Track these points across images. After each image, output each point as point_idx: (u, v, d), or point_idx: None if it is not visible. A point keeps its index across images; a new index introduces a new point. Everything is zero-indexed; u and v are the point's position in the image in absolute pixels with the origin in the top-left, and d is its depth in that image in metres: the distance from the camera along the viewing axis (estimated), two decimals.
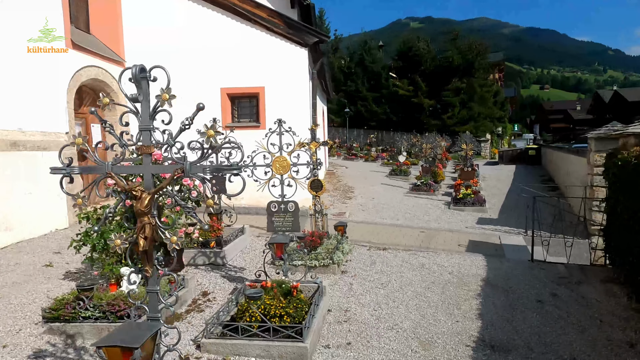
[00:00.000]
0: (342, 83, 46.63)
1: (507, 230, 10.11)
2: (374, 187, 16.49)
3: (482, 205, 12.31)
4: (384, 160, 27.32)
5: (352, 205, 12.70)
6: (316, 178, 7.90)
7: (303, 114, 10.87)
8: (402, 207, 12.66)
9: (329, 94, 20.31)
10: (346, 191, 15.14)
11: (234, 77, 10.94)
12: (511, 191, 15.73)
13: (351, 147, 34.64)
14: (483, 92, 42.53)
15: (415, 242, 8.66)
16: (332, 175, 18.67)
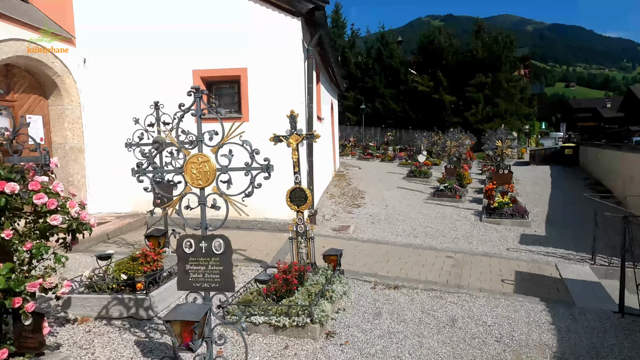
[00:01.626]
0: (359, 79, 44.09)
1: (563, 254, 7.50)
2: (389, 192, 13.99)
3: (524, 217, 9.70)
4: (402, 161, 24.72)
5: (360, 216, 10.24)
6: (298, 187, 5.51)
7: (295, 101, 8.50)
8: (422, 219, 10.15)
9: (338, 85, 17.88)
10: (355, 197, 12.69)
11: (209, 56, 8.62)
12: (554, 198, 13.01)
13: (367, 146, 32.08)
14: (509, 88, 39.39)
15: (441, 275, 6.16)
16: (342, 178, 16.23)
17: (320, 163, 12.23)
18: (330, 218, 9.77)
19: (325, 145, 14.05)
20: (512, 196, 10.89)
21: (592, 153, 18.82)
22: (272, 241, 7.70)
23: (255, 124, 8.66)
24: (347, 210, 10.71)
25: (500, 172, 10.44)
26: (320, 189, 12.12)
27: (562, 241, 8.34)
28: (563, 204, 12.09)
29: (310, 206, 8.93)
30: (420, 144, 21.90)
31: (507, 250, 7.71)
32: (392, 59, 43.07)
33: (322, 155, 12.94)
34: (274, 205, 8.67)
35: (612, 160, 13.41)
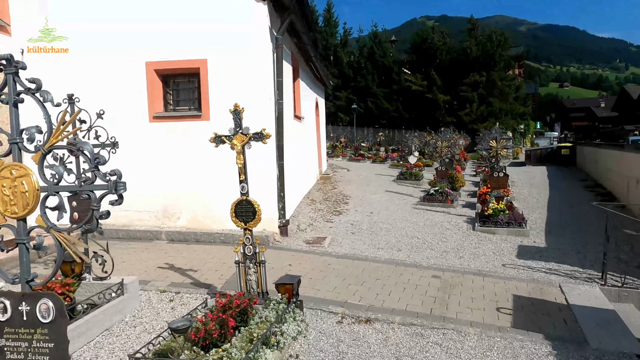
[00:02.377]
0: (351, 79, 43.08)
1: (567, 271, 6.46)
2: (376, 196, 12.93)
3: (522, 225, 8.65)
4: (394, 162, 23.69)
5: (340, 225, 9.17)
6: (245, 199, 4.44)
7: (262, 97, 7.43)
8: (409, 228, 9.09)
9: (324, 83, 16.82)
10: (338, 202, 11.62)
11: (164, 46, 7.53)
12: (553, 201, 11.99)
13: (359, 146, 31.04)
14: (504, 87, 38.51)
15: (424, 303, 5.10)
16: (327, 181, 15.17)
17: (300, 166, 11.17)
18: (306, 228, 8.70)
19: (308, 147, 12.99)
20: (508, 201, 9.87)
21: (589, 153, 17.85)
22: (232, 258, 6.61)
23: (217, 123, 7.55)
24: (327, 218, 9.64)
25: (495, 175, 9.42)
26: (300, 195, 11.05)
27: (564, 254, 7.30)
28: (562, 208, 11.07)
29: (282, 215, 7.88)
30: (412, 144, 20.84)
31: (503, 266, 6.66)
32: (385, 57, 42.09)
33: (303, 158, 11.88)
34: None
35: (612, 160, 12.41)
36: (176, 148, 7.73)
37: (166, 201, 7.82)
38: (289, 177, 9.02)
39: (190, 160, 7.72)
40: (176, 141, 7.71)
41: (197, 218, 7.75)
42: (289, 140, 9.34)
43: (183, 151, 7.66)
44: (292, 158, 9.77)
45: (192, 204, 7.72)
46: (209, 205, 7.69)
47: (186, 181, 7.72)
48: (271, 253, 6.86)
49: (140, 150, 7.69)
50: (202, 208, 7.72)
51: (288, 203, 9.04)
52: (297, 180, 10.59)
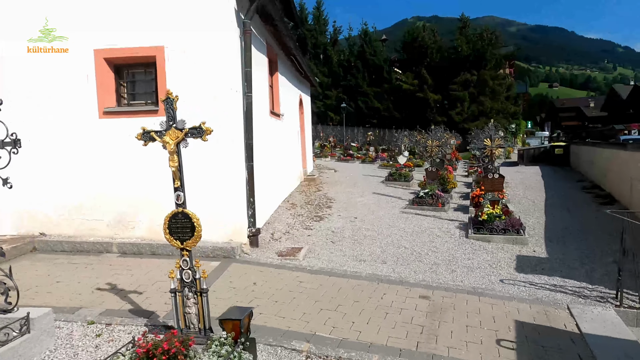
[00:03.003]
0: (342, 78, 42.22)
1: (574, 287, 5.60)
2: (362, 199, 12.03)
3: (519, 232, 7.79)
4: (383, 162, 22.84)
5: (320, 233, 8.25)
6: (180, 211, 3.50)
7: (226, 88, 6.49)
8: (396, 235, 8.20)
9: (308, 79, 15.88)
10: (321, 206, 10.70)
11: (115, 30, 6.56)
12: (550, 205, 11.16)
13: (348, 146, 30.17)
14: (495, 86, 37.87)
15: (409, 334, 4.20)
16: (311, 183, 14.25)
17: (279, 167, 10.24)
18: (281, 237, 7.76)
19: (289, 146, 12.05)
20: (504, 205, 9.02)
21: (585, 153, 17.11)
22: None
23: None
24: (306, 225, 8.71)
25: (489, 176, 8.57)
26: (278, 198, 10.11)
27: (569, 266, 6.45)
28: (561, 212, 10.25)
29: (251, 224, 6.94)
30: (401, 144, 19.99)
31: (501, 282, 5.78)
32: (376, 56, 41.27)
33: (283, 158, 10.95)
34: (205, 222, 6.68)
35: (613, 160, 11.63)
36: (132, 147, 6.74)
37: (120, 208, 6.84)
38: (262, 180, 8.09)
39: (148, 162, 6.74)
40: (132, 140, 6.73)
41: (155, 227, 6.76)
42: (263, 138, 8.41)
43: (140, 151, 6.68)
44: (267, 159, 8.84)
45: (150, 211, 6.74)
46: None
47: (144, 185, 6.75)
48: (236, 269, 5.92)
49: (88, 150, 6.71)
50: (161, 216, 6.74)
51: (262, 209, 8.12)
52: (275, 183, 9.66)
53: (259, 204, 7.80)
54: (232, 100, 6.56)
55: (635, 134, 44.66)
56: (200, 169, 6.62)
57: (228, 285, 5.29)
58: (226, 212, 6.69)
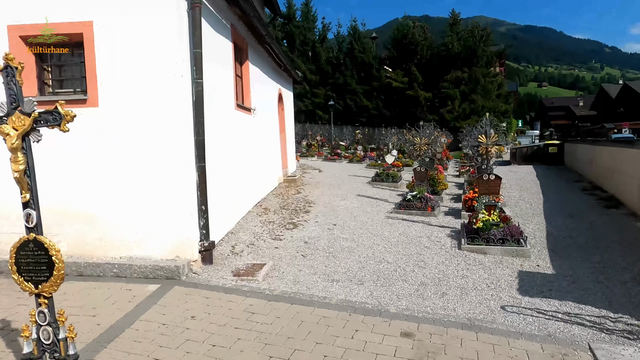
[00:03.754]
0: (330, 75, 41.06)
1: (592, 315, 4.51)
2: (345, 202, 10.90)
3: (520, 243, 6.70)
4: (371, 161, 21.77)
5: (291, 244, 7.09)
6: (32, 238, 2.33)
7: (169, 74, 5.33)
8: (379, 245, 7.07)
9: (289, 72, 14.70)
10: (297, 211, 9.54)
11: (35, 5, 5.37)
12: (550, 208, 10.11)
13: (336, 145, 29.05)
14: (486, 83, 36.97)
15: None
16: (291, 184, 13.08)
17: (249, 168, 9.07)
18: (244, 250, 6.59)
19: (264, 144, 10.88)
20: (501, 209, 7.93)
21: (583, 151, 16.14)
22: (114, 303, 4.50)
23: (109, 109, 5.45)
24: (276, 234, 7.54)
25: (484, 177, 7.49)
26: (248, 203, 8.94)
27: (582, 286, 5.36)
28: (563, 217, 9.20)
29: (204, 236, 5.77)
30: (389, 142, 18.89)
31: (502, 310, 4.67)
32: (365, 53, 40.16)
33: (256, 158, 9.78)
34: (146, 235, 5.52)
35: (617, 159, 10.61)
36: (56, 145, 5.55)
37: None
38: (225, 183, 6.94)
39: (75, 163, 5.56)
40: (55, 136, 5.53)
41: (83, 242, 5.58)
42: (226, 135, 7.24)
43: (65, 149, 5.49)
44: (232, 158, 7.68)
45: (77, 222, 5.54)
46: (101, 224, 5.54)
47: (70, 191, 5.55)
48: (176, 295, 4.75)
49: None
50: (91, 228, 5.56)
51: (224, 216, 6.97)
52: (244, 186, 8.50)
53: (221, 210, 6.65)
54: (176, 88, 5.38)
55: (627, 132, 44.19)
56: (138, 170, 5.45)
57: (157, 321, 4.11)
58: (171, 222, 5.52)
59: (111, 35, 5.36)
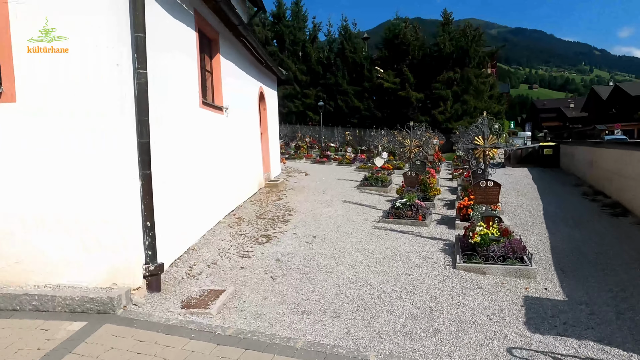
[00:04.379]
0: (321, 76, 40.16)
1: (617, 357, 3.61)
2: (329, 210, 9.95)
3: (524, 260, 5.77)
4: (361, 164, 20.85)
5: (259, 263, 6.10)
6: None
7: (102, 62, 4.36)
8: (361, 266, 6.11)
9: (272, 70, 13.72)
10: (275, 221, 8.56)
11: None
12: (551, 216, 9.23)
13: (326, 147, 28.11)
14: (479, 84, 36.28)
15: None
16: (273, 189, 12.11)
17: (220, 173, 8.10)
18: (203, 271, 5.59)
19: (241, 147, 9.91)
20: (499, 219, 7.01)
21: (582, 153, 15.33)
22: (17, 352, 3.50)
23: (30, 105, 4.46)
24: (245, 250, 6.56)
25: (481, 184, 6.57)
26: (217, 214, 7.95)
27: (602, 317, 4.44)
28: (567, 227, 8.32)
29: (150, 258, 4.76)
30: (379, 144, 17.99)
31: (509, 354, 3.73)
32: (356, 53, 39.30)
33: (229, 162, 8.80)
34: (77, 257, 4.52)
35: (624, 162, 9.77)
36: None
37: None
38: (186, 192, 5.99)
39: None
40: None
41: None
42: (187, 137, 6.28)
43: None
44: (197, 163, 6.71)
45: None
46: (19, 243, 4.54)
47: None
48: (102, 338, 3.76)
49: None
50: (6, 249, 4.55)
51: (184, 230, 6.00)
52: (212, 194, 7.52)
53: (179, 224, 5.68)
54: (111, 79, 4.39)
55: (619, 134, 43.74)
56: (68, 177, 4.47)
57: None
58: (107, 242, 4.53)
59: (30, 13, 4.36)
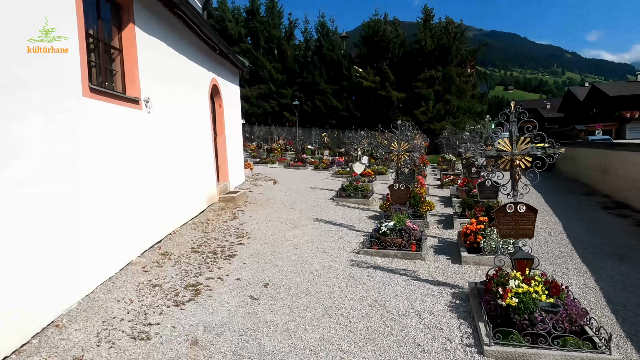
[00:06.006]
0: (297, 74, 37.81)
1: None
2: (296, 233, 7.60)
3: (588, 335, 3.55)
4: (339, 168, 18.58)
5: (162, 348, 3.71)
6: None
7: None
8: (331, 346, 3.77)
9: (231, 59, 11.29)
10: (216, 255, 6.14)
11: None
12: (582, 242, 7.07)
13: (301, 150, 25.75)
14: (461, 83, 34.55)
15: None
16: (229, 204, 9.70)
17: (138, 191, 5.64)
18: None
19: (178, 153, 7.47)
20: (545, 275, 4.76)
21: (587, 157, 13.39)
22: None
23: None
24: (148, 322, 4.11)
25: (509, 209, 4.31)
26: (130, 251, 5.48)
27: None
28: (608, 258, 6.18)
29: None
30: (358, 147, 15.72)
31: None
32: (334, 51, 37.10)
33: (154, 174, 6.36)
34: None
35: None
36: None
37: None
38: (49, 227, 3.51)
39: None
40: None
41: None
42: (52, 141, 3.81)
43: None
44: (79, 180, 4.25)
45: None
46: None
47: None
48: None
49: None
50: None
51: (42, 294, 3.54)
52: (112, 224, 5.06)
53: (30, 284, 3.22)
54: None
55: (600, 134, 42.72)
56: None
57: None
58: None
59: None
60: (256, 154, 24.06)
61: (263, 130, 33.09)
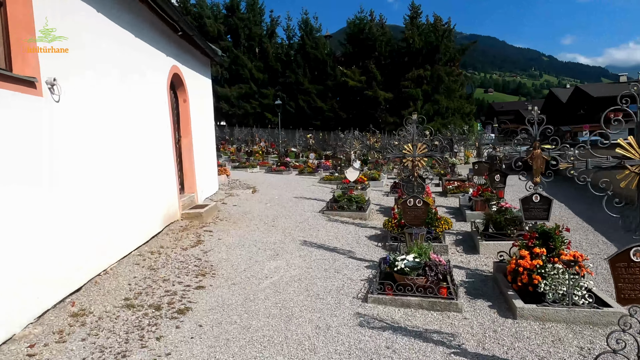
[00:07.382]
0: (280, 73, 35.82)
1: None
2: (276, 265, 5.62)
3: None
4: (326, 173, 16.65)
5: None
6: None
7: None
8: None
9: (198, 45, 9.26)
10: (158, 313, 4.13)
11: None
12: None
13: (284, 152, 23.73)
14: (450, 82, 33.10)
15: None
16: (193, 222, 7.65)
17: (38, 219, 3.56)
18: None
19: (112, 160, 5.41)
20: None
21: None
22: None
23: None
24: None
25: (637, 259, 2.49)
26: (22, 314, 3.39)
27: None
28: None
29: None
30: (349, 149, 13.81)
31: None
32: (318, 49, 35.24)
33: (69, 190, 4.29)
34: None
35: None
36: None
37: None
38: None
39: None
40: None
41: None
42: None
43: None
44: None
45: None
46: None
47: None
48: None
49: None
50: None
51: None
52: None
53: None
54: None
55: (587, 135, 41.90)
56: None
57: None
58: None
59: None
60: (235, 158, 21.98)
61: (244, 132, 30.98)
